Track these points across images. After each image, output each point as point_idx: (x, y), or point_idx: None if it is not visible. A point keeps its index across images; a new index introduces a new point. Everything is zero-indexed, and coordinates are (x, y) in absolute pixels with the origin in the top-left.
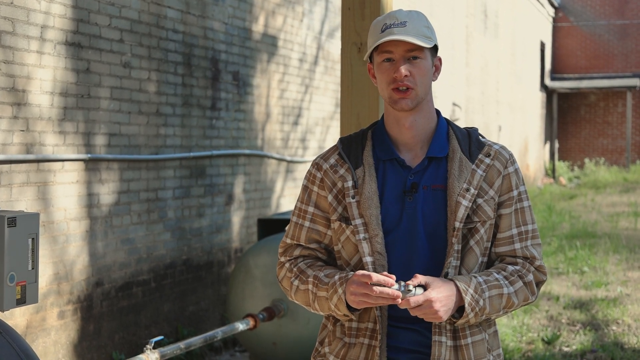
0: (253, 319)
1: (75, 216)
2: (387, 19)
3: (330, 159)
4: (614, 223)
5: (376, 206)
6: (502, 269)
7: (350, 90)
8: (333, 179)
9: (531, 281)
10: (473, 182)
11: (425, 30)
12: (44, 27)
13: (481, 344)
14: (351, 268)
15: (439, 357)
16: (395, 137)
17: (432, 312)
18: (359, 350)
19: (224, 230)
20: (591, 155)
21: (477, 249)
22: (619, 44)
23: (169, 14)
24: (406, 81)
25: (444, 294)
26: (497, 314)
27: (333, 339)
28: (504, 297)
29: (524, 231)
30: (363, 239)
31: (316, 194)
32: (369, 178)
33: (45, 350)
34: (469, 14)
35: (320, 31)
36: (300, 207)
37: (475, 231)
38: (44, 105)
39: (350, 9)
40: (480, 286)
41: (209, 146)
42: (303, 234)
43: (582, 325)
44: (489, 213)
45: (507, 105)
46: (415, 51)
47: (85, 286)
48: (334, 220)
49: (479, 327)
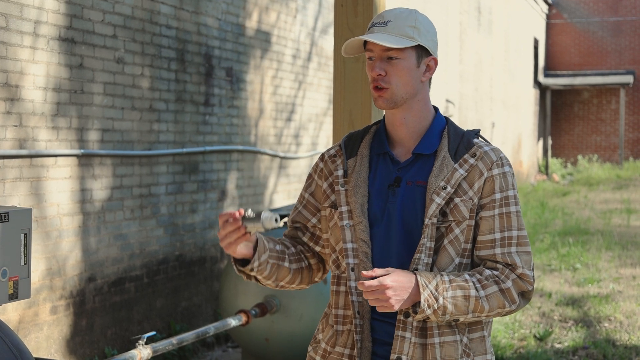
0: (245, 314)
1: (68, 212)
2: (377, 17)
3: (332, 150)
4: (606, 220)
5: (363, 195)
6: (478, 272)
7: (343, 87)
8: (330, 168)
9: (509, 288)
10: (451, 180)
11: (409, 30)
12: (37, 22)
13: (452, 346)
14: (336, 255)
15: (400, 352)
16: (390, 132)
17: (384, 298)
18: (347, 337)
19: (217, 226)
20: (584, 152)
21: (452, 248)
22: (612, 41)
23: (162, 10)
24: (380, 80)
25: (400, 285)
26: (465, 316)
27: (326, 326)
28: (470, 299)
29: (507, 237)
30: (347, 226)
31: (315, 183)
32: (360, 168)
33: (37, 346)
34: (463, 10)
35: (314, 27)
36: (301, 193)
37: (449, 230)
38: (37, 101)
39: (343, 5)
40: (444, 284)
41: (202, 142)
42: (294, 215)
43: (574, 322)
44: (464, 213)
45: (500, 102)
46: (392, 51)
47: (77, 281)
48: (325, 207)
49: (452, 329)
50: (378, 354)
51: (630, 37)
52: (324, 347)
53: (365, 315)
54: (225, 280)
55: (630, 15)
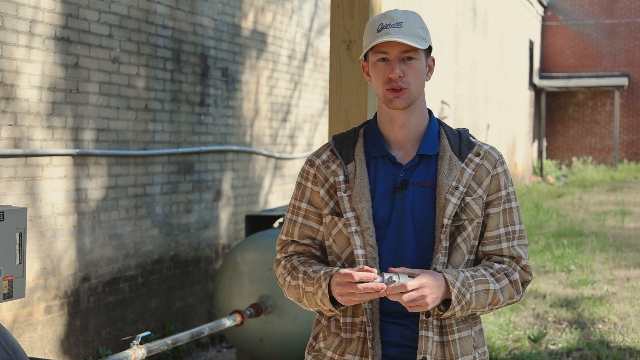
0: (240, 315)
1: (63, 211)
2: (384, 18)
3: (323, 155)
4: (601, 222)
5: (367, 200)
6: (489, 267)
7: (338, 88)
8: (325, 174)
9: (517, 280)
10: (462, 180)
11: (420, 31)
12: (33, 21)
13: (467, 341)
14: (342, 262)
15: (425, 352)
16: (388, 134)
17: (421, 297)
18: (357, 344)
19: (211, 227)
20: (579, 154)
21: (464, 246)
22: (607, 43)
23: (158, 10)
24: (400, 82)
25: (434, 282)
26: (482, 309)
27: (328, 334)
28: (490, 292)
29: (512, 231)
30: (355, 232)
31: (310, 190)
32: (361, 172)
33: (31, 345)
34: (458, 12)
35: (310, 28)
36: (294, 203)
37: (462, 229)
38: (32, 100)
39: (340, 6)
40: (468, 280)
41: (198, 142)
42: (296, 230)
43: (568, 324)
44: (477, 211)
45: (495, 104)
46: (410, 52)
47: (72, 281)
48: (325, 214)
49: (465, 324)
50: (389, 355)
51: (625, 40)
52: (330, 356)
53: (375, 321)
54: (220, 281)
55: (625, 18)
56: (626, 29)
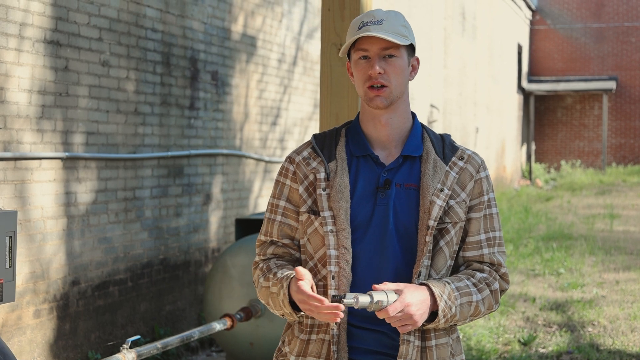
0: (230, 319)
1: (52, 215)
2: (365, 17)
3: (304, 152)
4: (589, 225)
5: (346, 200)
6: (471, 276)
7: (329, 91)
8: (305, 172)
9: (497, 289)
10: (447, 183)
11: (402, 29)
12: (23, 24)
13: (445, 347)
14: (314, 262)
15: (406, 356)
16: (370, 134)
17: (408, 317)
18: (320, 346)
19: (201, 230)
20: (567, 158)
21: (447, 250)
22: (595, 47)
23: (148, 13)
24: (380, 79)
25: (419, 298)
26: (464, 321)
27: (292, 338)
28: (472, 304)
29: (492, 237)
30: (330, 232)
31: (288, 187)
32: (341, 172)
33: (20, 349)
34: (447, 15)
35: (299, 32)
36: (272, 202)
37: (446, 232)
38: (21, 103)
39: (330, 10)
40: (454, 293)
41: (187, 145)
42: (275, 228)
43: (558, 327)
44: (460, 215)
45: (484, 107)
46: (390, 49)
47: (61, 285)
48: (302, 212)
49: (444, 331)
50: None
51: (613, 44)
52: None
53: (342, 325)
54: (210, 284)
55: (613, 22)
56: (614, 32)
